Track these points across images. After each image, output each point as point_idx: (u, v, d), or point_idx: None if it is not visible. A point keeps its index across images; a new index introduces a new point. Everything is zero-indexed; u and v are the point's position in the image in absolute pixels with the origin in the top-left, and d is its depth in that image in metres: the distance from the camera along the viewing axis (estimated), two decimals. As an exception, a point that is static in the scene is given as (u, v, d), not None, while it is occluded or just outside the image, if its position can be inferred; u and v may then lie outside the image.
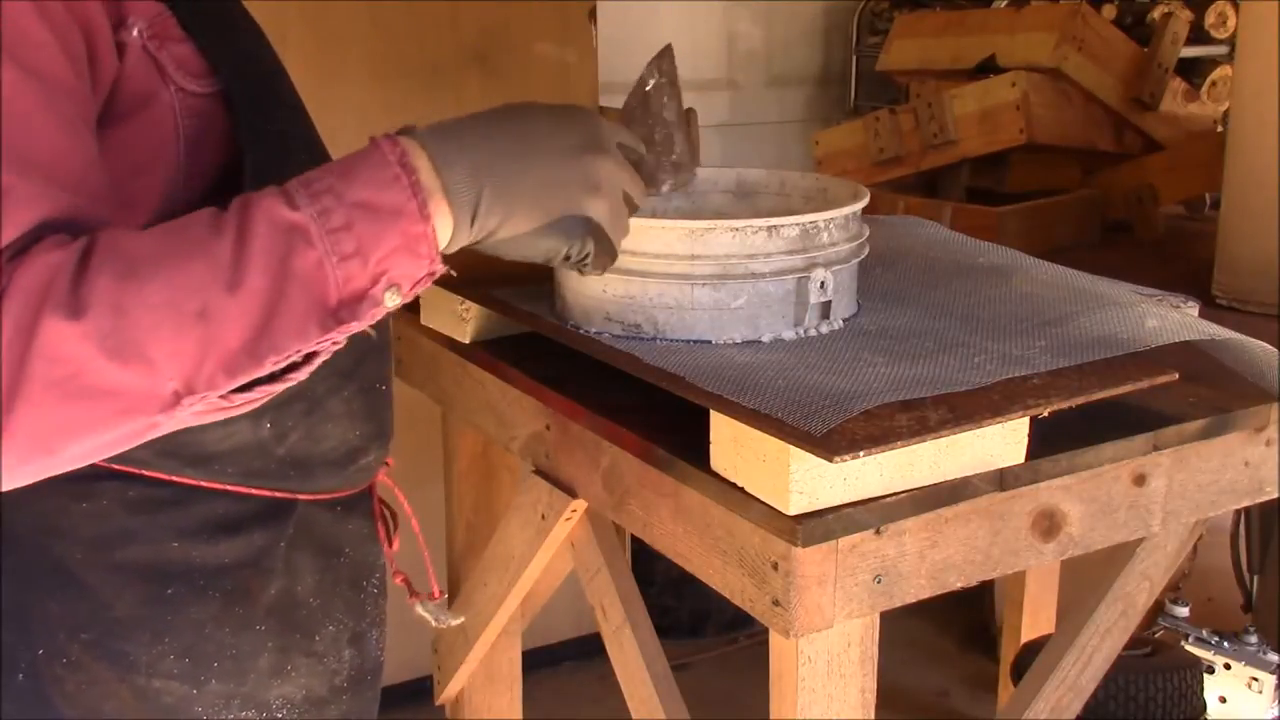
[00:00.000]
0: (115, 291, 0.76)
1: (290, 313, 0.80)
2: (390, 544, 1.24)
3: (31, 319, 0.75)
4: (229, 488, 1.04)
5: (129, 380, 0.77)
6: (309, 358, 0.84)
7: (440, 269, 0.86)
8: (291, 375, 0.84)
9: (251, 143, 0.98)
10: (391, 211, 0.82)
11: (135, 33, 0.91)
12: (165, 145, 0.95)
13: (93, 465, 0.95)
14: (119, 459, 0.97)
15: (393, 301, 0.84)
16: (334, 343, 0.84)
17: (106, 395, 0.77)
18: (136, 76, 0.92)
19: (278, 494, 1.07)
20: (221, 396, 0.82)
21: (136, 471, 1.00)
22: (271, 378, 0.84)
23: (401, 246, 0.83)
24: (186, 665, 1.04)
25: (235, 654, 1.05)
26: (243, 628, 1.06)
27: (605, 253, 0.96)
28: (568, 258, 0.94)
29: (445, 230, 0.86)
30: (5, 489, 0.80)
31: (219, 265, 0.79)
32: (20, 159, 0.79)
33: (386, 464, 1.24)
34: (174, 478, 1.02)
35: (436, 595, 1.34)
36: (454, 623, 1.34)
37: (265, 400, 0.85)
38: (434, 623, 1.33)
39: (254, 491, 1.05)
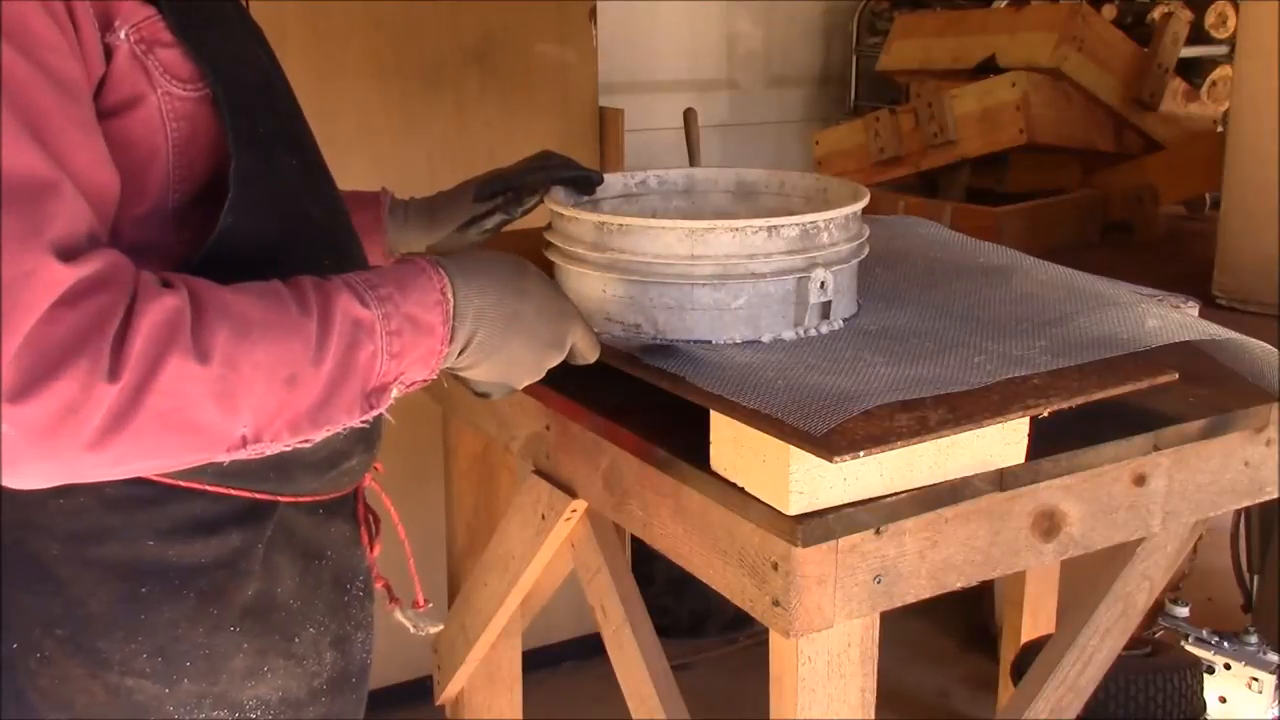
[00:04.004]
0: (231, 346, 0.86)
1: (347, 393, 0.93)
2: (372, 549, 1.23)
3: (158, 354, 0.83)
4: (207, 488, 1.03)
5: (218, 422, 0.87)
6: None
7: (431, 380, 1.01)
8: (310, 440, 0.95)
9: (239, 147, 0.98)
10: (428, 329, 0.98)
11: (122, 35, 0.92)
12: (153, 148, 0.96)
13: None
14: None
15: (395, 395, 0.99)
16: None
17: (196, 431, 0.86)
18: (124, 78, 0.93)
19: (257, 495, 1.07)
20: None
21: None
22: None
23: (422, 358, 0.98)
24: (159, 664, 1.04)
25: (208, 654, 1.05)
26: (217, 628, 1.05)
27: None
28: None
29: (448, 355, 1.01)
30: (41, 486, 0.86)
31: (309, 342, 0.91)
32: (55, 154, 0.84)
33: (376, 469, 1.23)
34: (152, 476, 1.01)
35: (420, 604, 1.34)
36: (433, 630, 1.34)
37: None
38: (412, 629, 1.33)
39: (232, 492, 1.05)
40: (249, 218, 0.99)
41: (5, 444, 0.80)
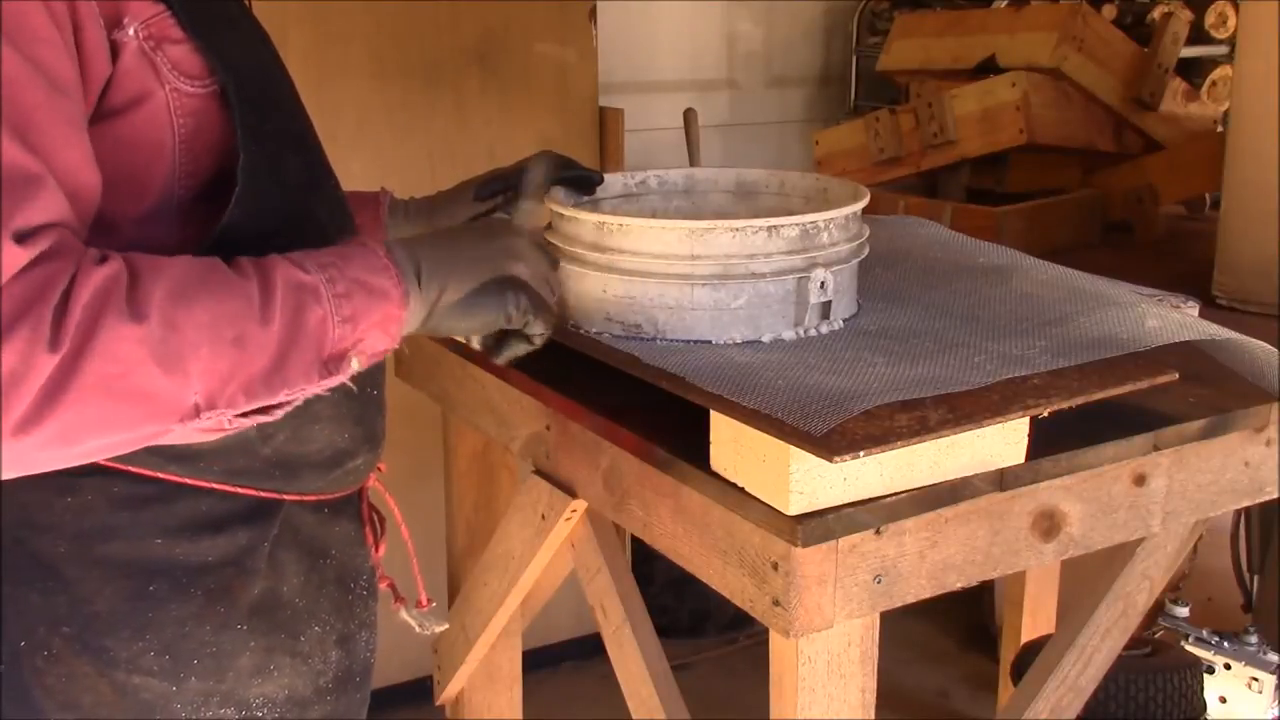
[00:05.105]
0: (168, 307, 0.85)
1: (301, 356, 0.91)
2: (377, 548, 1.24)
3: (94, 320, 0.82)
4: (213, 486, 1.04)
5: (165, 388, 0.85)
6: (282, 404, 0.94)
7: (394, 348, 1.00)
8: (272, 412, 0.94)
9: (247, 142, 0.98)
10: (380, 293, 0.96)
11: (131, 33, 0.92)
12: (160, 143, 0.96)
13: None
14: None
15: (354, 368, 0.96)
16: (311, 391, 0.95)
17: (143, 398, 0.84)
18: (132, 75, 0.93)
19: (263, 494, 1.07)
20: (224, 421, 0.90)
21: (121, 468, 1.01)
22: (258, 410, 0.94)
23: (378, 323, 0.96)
24: (166, 662, 1.04)
25: (215, 652, 1.06)
26: (224, 626, 1.06)
27: (542, 307, 1.07)
28: (509, 319, 1.05)
29: (410, 319, 0.99)
30: (6, 477, 0.85)
31: (251, 303, 0.89)
32: (37, 148, 0.84)
33: (379, 469, 1.23)
34: (158, 475, 1.02)
35: (424, 604, 1.34)
36: (438, 629, 1.34)
37: (246, 427, 0.93)
38: (418, 629, 1.33)
39: (238, 490, 1.05)
40: (254, 214, 0.99)
41: None
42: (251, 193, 0.99)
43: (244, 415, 0.91)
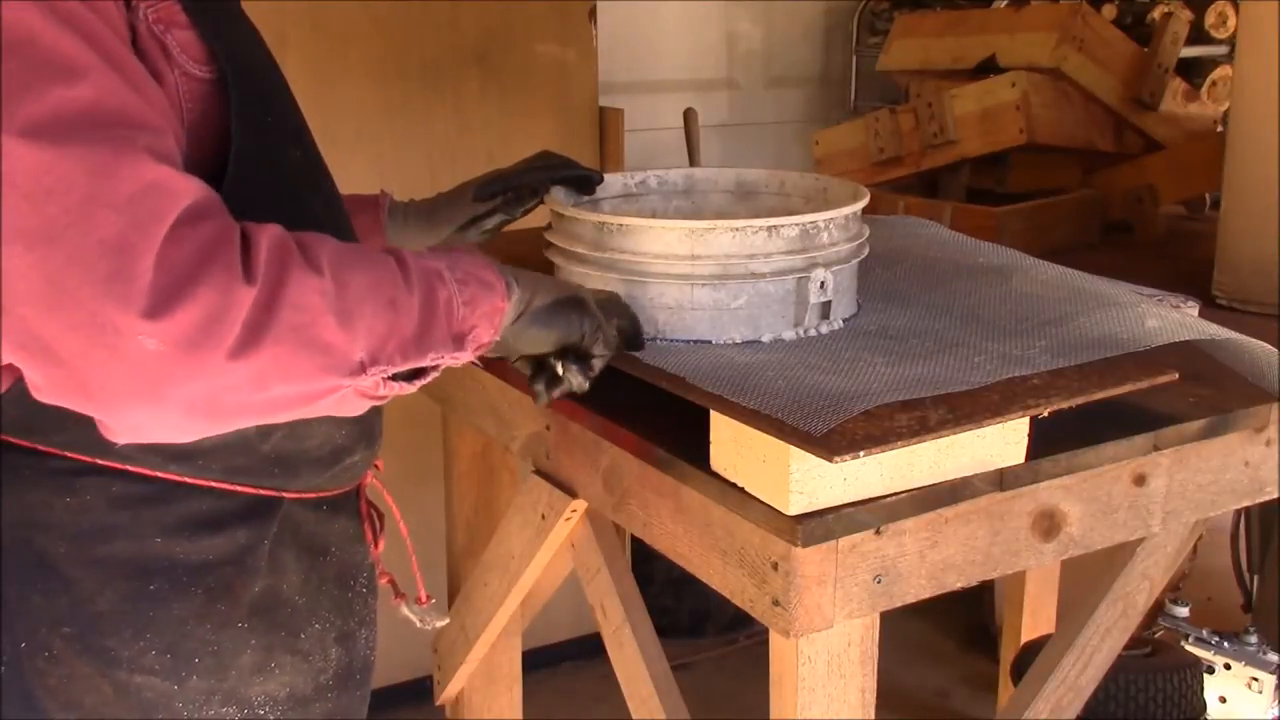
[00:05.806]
0: (335, 266, 0.91)
1: (438, 326, 0.99)
2: (376, 545, 1.24)
3: (282, 266, 0.87)
4: (213, 484, 1.04)
5: (340, 341, 0.90)
6: (421, 374, 1.01)
7: (490, 344, 1.06)
8: (415, 381, 1.01)
9: (243, 128, 0.99)
10: (488, 285, 1.04)
11: (142, 14, 0.94)
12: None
13: (77, 460, 1.00)
14: (103, 454, 0.99)
15: (469, 355, 1.04)
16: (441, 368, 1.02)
17: (322, 350, 0.90)
18: (145, 57, 0.94)
19: (262, 491, 1.07)
20: (379, 383, 0.96)
21: (120, 467, 1.01)
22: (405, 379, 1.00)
23: (488, 314, 1.04)
24: (168, 661, 1.04)
25: (217, 650, 1.06)
26: (225, 625, 1.06)
27: (605, 330, 1.15)
28: (583, 335, 1.14)
29: (508, 315, 1.07)
30: (191, 436, 0.89)
31: (395, 273, 0.96)
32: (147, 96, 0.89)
33: (376, 467, 1.24)
34: (157, 474, 1.02)
35: (423, 600, 1.34)
36: (439, 624, 1.35)
37: (395, 396, 0.99)
38: (419, 623, 1.34)
39: (238, 488, 1.06)
40: (246, 203, 0.99)
41: (151, 362, 0.82)
42: (245, 181, 0.99)
43: (393, 380, 0.97)
